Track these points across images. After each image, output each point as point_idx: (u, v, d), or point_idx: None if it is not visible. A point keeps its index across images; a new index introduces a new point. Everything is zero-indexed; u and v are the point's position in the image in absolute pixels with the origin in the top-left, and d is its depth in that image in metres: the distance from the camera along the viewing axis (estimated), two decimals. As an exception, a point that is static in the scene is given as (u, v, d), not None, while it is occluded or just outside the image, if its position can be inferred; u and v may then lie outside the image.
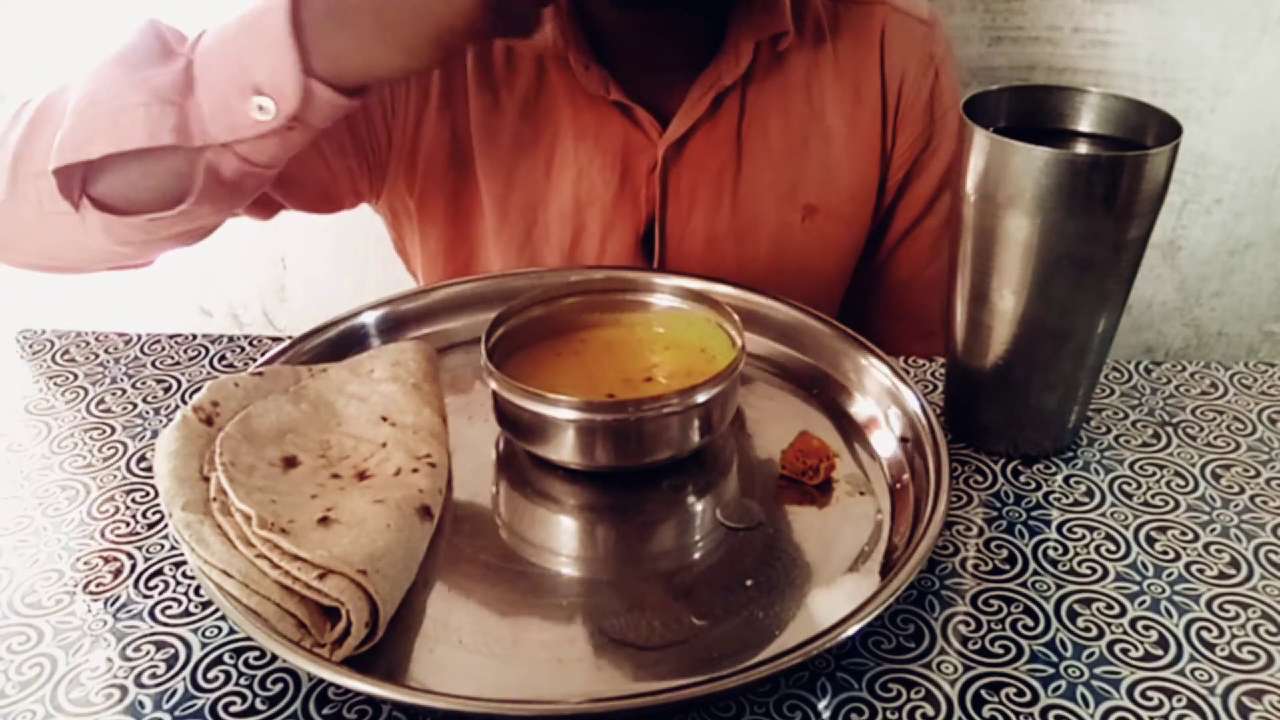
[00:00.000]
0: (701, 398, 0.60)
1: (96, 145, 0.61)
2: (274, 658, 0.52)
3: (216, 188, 0.64)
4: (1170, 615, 0.56)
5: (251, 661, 0.52)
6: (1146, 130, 0.62)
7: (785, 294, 0.76)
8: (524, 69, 0.82)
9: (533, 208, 0.84)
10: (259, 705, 0.50)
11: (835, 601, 0.54)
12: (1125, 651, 0.53)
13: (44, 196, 0.63)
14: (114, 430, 0.70)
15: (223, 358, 0.78)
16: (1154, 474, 0.66)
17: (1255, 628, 0.55)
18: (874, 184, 0.89)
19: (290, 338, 0.72)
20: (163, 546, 0.60)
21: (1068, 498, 0.64)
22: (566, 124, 0.83)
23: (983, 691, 0.51)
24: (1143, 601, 0.56)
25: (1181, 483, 0.65)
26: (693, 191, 0.84)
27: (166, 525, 0.61)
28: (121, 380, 0.75)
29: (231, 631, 0.54)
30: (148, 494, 0.64)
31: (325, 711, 0.50)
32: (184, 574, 0.58)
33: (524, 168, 0.83)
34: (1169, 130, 0.60)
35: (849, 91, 0.86)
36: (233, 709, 0.50)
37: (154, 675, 0.52)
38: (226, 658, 0.53)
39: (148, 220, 0.64)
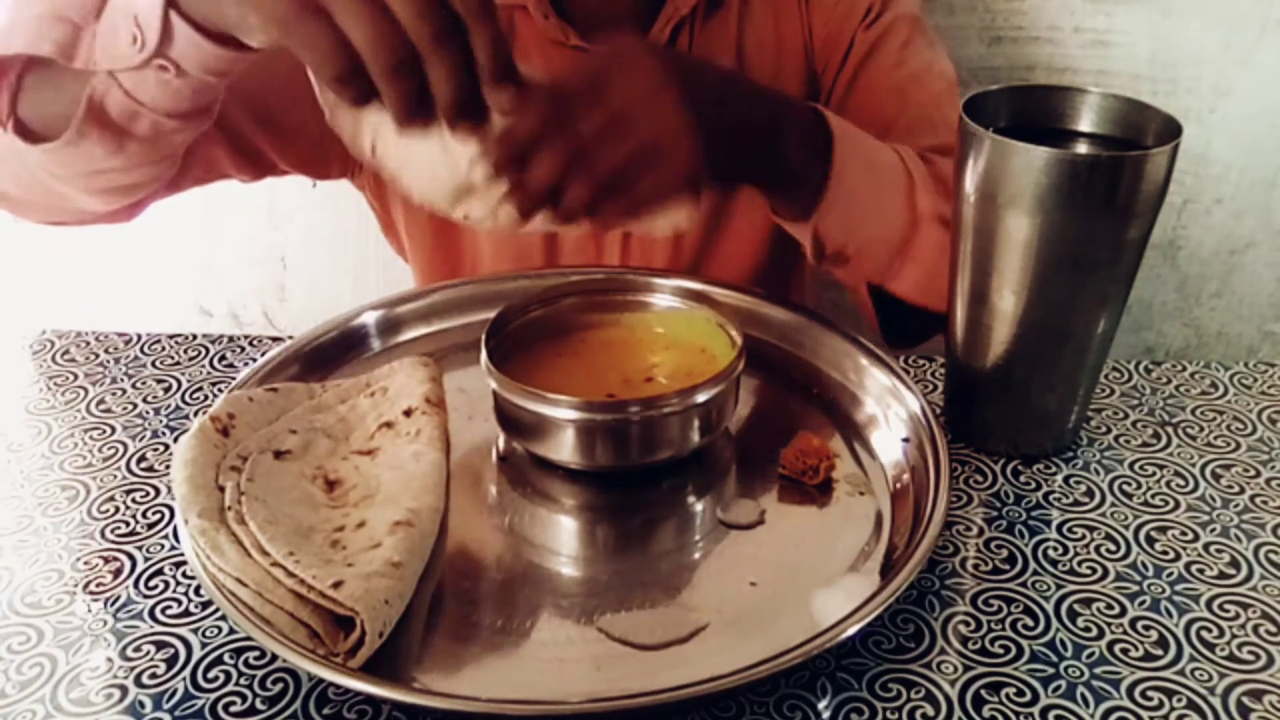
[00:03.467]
0: (701, 398, 0.60)
1: None
2: (274, 658, 0.52)
3: (102, 123, 0.63)
4: (1170, 615, 0.56)
5: (251, 661, 0.52)
6: (1146, 130, 0.62)
7: (754, 219, 0.79)
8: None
9: None
10: (259, 705, 0.50)
11: (835, 601, 0.54)
12: (1125, 651, 0.53)
13: None
14: (114, 430, 0.70)
15: (223, 358, 0.78)
16: (1154, 474, 0.66)
17: (1255, 628, 0.55)
18: (802, 74, 0.89)
19: (290, 338, 0.72)
20: (163, 546, 0.60)
21: (1068, 498, 0.64)
22: (537, 70, 0.84)
23: (983, 691, 0.51)
24: (1143, 601, 0.56)
25: (1181, 483, 0.65)
26: None
27: (166, 525, 0.61)
28: (121, 380, 0.75)
29: (231, 631, 0.54)
30: (148, 494, 0.64)
31: (325, 711, 0.50)
32: (184, 574, 0.58)
33: None
34: (1169, 130, 0.60)
35: (775, 19, 0.87)
36: (233, 709, 0.50)
37: (154, 675, 0.52)
38: (226, 658, 0.53)
39: (42, 151, 0.64)
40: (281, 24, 0.52)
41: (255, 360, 0.71)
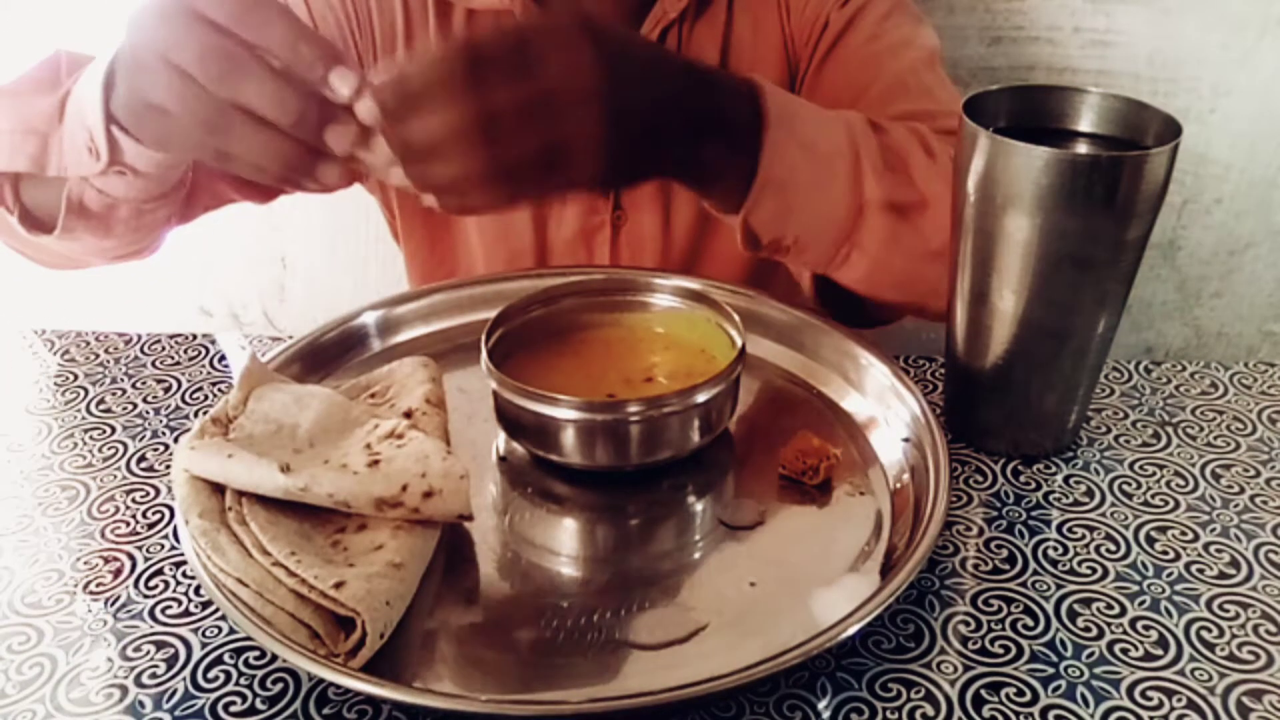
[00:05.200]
0: (701, 398, 0.60)
1: None
2: (274, 657, 0.52)
3: (83, 216, 0.67)
4: (1170, 615, 0.56)
5: (251, 661, 0.52)
6: (1146, 130, 0.62)
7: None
8: (483, 25, 0.84)
9: None
10: (259, 705, 0.50)
11: (835, 601, 0.54)
12: (1125, 651, 0.53)
13: None
14: (114, 430, 0.70)
15: (222, 358, 0.78)
16: (1154, 474, 0.66)
17: (1255, 628, 0.55)
18: (783, 65, 0.88)
19: (290, 338, 0.72)
20: (163, 546, 0.60)
21: (1068, 498, 0.64)
22: None
23: (983, 691, 0.51)
24: (1143, 601, 0.56)
25: (1181, 483, 0.65)
26: None
27: (166, 525, 0.61)
28: (121, 380, 0.75)
29: (231, 631, 0.54)
30: (148, 494, 0.64)
31: (325, 711, 0.50)
32: (184, 574, 0.58)
33: None
34: (1169, 130, 0.60)
35: (754, 18, 0.86)
36: (233, 709, 0.50)
37: (154, 675, 0.52)
38: (226, 658, 0.53)
39: (43, 241, 0.69)
40: (160, 147, 0.60)
41: (255, 360, 0.71)
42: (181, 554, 0.58)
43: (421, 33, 0.84)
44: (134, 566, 0.59)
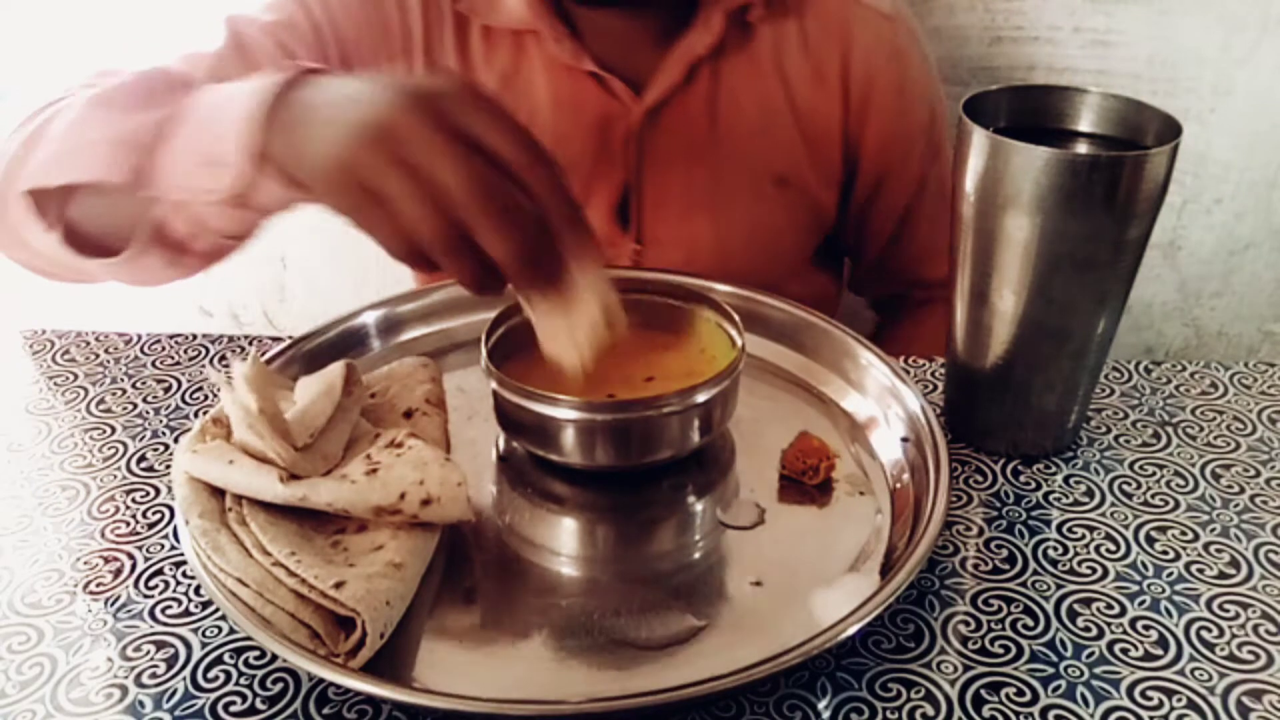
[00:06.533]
0: (701, 398, 0.60)
1: (59, 174, 0.61)
2: (274, 657, 0.52)
3: (164, 243, 0.63)
4: (1170, 615, 0.56)
5: (251, 661, 0.52)
6: (1146, 130, 0.62)
7: (760, 262, 0.78)
8: (502, 44, 0.84)
9: None
10: (259, 705, 0.50)
11: (835, 601, 0.54)
12: (1125, 651, 0.53)
13: (22, 214, 0.62)
14: (114, 430, 0.70)
15: (223, 358, 0.78)
16: (1154, 474, 0.66)
17: (1255, 628, 0.55)
18: (837, 161, 0.91)
19: (290, 338, 0.72)
20: (163, 546, 0.60)
21: (1068, 498, 0.64)
22: (544, 94, 0.84)
23: (983, 691, 0.51)
24: (1143, 601, 0.56)
25: (1181, 483, 0.65)
26: (669, 160, 0.86)
27: (166, 525, 0.62)
28: (121, 380, 0.75)
29: (231, 631, 0.54)
30: (148, 494, 0.64)
31: (325, 711, 0.50)
32: (184, 574, 0.58)
33: None
34: (1169, 130, 0.60)
35: (813, 71, 0.87)
36: (233, 709, 0.50)
37: (154, 675, 0.52)
38: (226, 658, 0.53)
39: (99, 265, 0.64)
40: (345, 212, 0.53)
41: (255, 360, 0.71)
42: (181, 554, 0.58)
43: (439, 46, 0.84)
44: (134, 566, 0.59)
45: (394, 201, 0.51)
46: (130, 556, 0.59)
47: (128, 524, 0.62)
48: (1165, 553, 0.60)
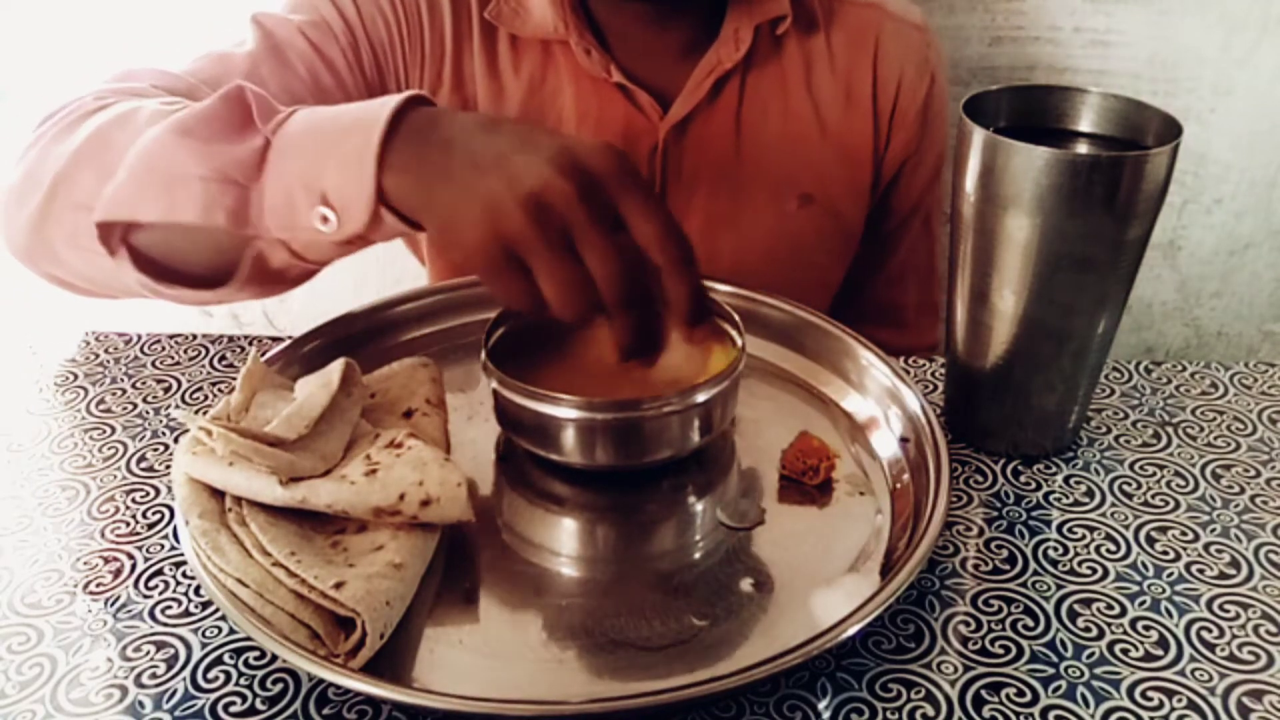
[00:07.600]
0: (701, 398, 0.60)
1: (147, 209, 0.57)
2: (274, 658, 0.52)
3: (262, 275, 0.62)
4: (1170, 615, 0.56)
5: (251, 661, 0.52)
6: (1146, 130, 0.62)
7: (781, 282, 0.77)
8: (529, 54, 0.84)
9: None
10: (259, 705, 0.50)
11: (835, 601, 0.54)
12: (1125, 651, 0.53)
13: (81, 233, 0.59)
14: (114, 430, 0.70)
15: (223, 358, 0.78)
16: (1154, 474, 0.66)
17: (1255, 628, 0.55)
18: (867, 179, 0.90)
19: (290, 338, 0.72)
20: (163, 546, 0.60)
21: (1068, 498, 0.64)
22: (570, 105, 0.84)
23: (983, 691, 0.51)
24: (1143, 601, 0.56)
25: (1181, 483, 0.65)
26: (693, 175, 0.86)
27: (166, 525, 0.61)
28: (121, 380, 0.75)
29: (231, 631, 0.54)
30: (148, 494, 0.64)
31: (325, 711, 0.50)
32: (184, 574, 0.58)
33: None
34: (1169, 130, 0.60)
35: (842, 88, 0.87)
36: (233, 709, 0.50)
37: (154, 675, 0.52)
38: (226, 658, 0.53)
39: (188, 294, 0.62)
40: (477, 271, 0.53)
41: (255, 360, 0.71)
42: (181, 554, 0.58)
43: (467, 53, 0.84)
44: (134, 566, 0.59)
45: (536, 276, 0.52)
46: (130, 557, 0.59)
47: (127, 524, 0.62)
48: (1165, 553, 0.60)
